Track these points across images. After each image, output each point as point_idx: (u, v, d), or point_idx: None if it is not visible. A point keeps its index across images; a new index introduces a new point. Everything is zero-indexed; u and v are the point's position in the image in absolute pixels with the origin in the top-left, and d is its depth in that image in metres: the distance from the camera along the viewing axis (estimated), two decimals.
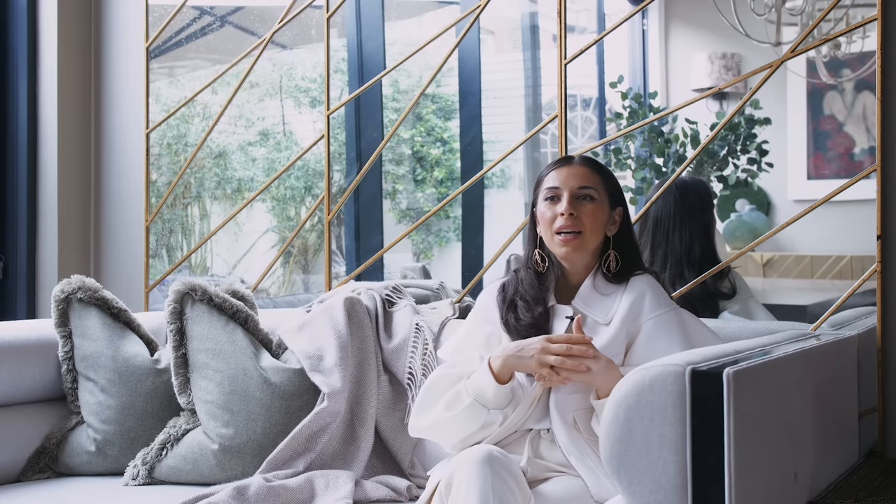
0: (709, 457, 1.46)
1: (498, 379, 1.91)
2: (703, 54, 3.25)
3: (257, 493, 2.12)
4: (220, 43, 3.75)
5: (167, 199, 3.34)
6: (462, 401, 1.93)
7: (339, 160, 3.70)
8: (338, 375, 2.38)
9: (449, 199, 2.92)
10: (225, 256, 3.90)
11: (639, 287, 2.00)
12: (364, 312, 2.51)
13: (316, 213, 3.54)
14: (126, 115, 3.43)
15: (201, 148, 3.28)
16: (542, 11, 3.73)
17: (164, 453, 2.38)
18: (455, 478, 1.78)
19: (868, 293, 2.28)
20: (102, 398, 2.46)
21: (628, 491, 1.53)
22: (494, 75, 3.82)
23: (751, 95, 2.44)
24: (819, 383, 1.88)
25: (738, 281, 2.61)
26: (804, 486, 1.76)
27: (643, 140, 3.19)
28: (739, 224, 3.05)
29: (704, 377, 1.48)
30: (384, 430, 2.42)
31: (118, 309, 2.56)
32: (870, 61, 2.74)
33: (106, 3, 3.48)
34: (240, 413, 2.35)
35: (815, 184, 3.04)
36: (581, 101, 3.58)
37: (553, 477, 1.95)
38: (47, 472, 2.43)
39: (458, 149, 3.81)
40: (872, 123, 2.62)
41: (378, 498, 2.21)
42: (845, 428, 2.06)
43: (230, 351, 2.41)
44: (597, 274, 2.04)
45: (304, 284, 3.86)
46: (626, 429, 1.52)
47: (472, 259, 3.62)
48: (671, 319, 1.96)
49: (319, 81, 3.75)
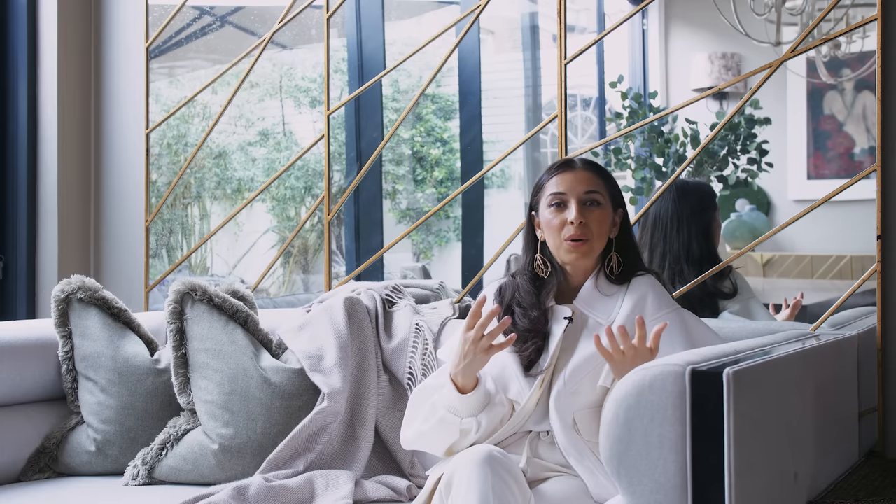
0: (709, 457, 1.46)
1: (461, 390, 1.93)
2: (703, 54, 3.24)
3: (257, 493, 2.12)
4: (220, 43, 3.75)
5: (167, 199, 3.34)
6: (436, 413, 1.96)
7: (339, 160, 3.69)
8: (338, 375, 2.38)
9: (449, 199, 2.92)
10: (225, 256, 3.90)
11: (641, 288, 2.00)
12: (364, 312, 2.51)
13: (316, 213, 3.54)
14: (126, 115, 3.43)
15: (201, 148, 3.28)
16: (542, 11, 3.73)
17: (164, 453, 2.38)
18: (455, 478, 1.78)
19: (868, 293, 2.28)
20: (102, 398, 2.46)
21: (628, 491, 1.53)
22: (494, 75, 3.82)
23: (751, 95, 2.44)
24: (819, 383, 1.88)
25: (740, 281, 2.61)
26: (804, 486, 1.76)
27: (643, 140, 3.19)
28: (739, 224, 3.05)
29: (704, 377, 1.48)
30: (384, 430, 2.42)
31: (118, 309, 2.56)
32: (870, 61, 2.74)
33: (106, 3, 3.48)
34: (240, 413, 2.35)
35: (815, 184, 3.04)
36: (581, 101, 3.58)
37: (552, 477, 1.95)
38: (47, 472, 2.43)
39: (458, 149, 3.81)
40: (872, 123, 2.62)
41: (378, 498, 2.21)
42: (845, 428, 2.06)
43: (230, 351, 2.41)
44: (599, 275, 2.04)
45: (304, 284, 3.86)
46: (626, 429, 1.52)
47: (472, 259, 3.62)
48: (673, 321, 1.96)
49: (319, 81, 3.75)
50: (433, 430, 1.96)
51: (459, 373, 1.92)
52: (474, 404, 1.92)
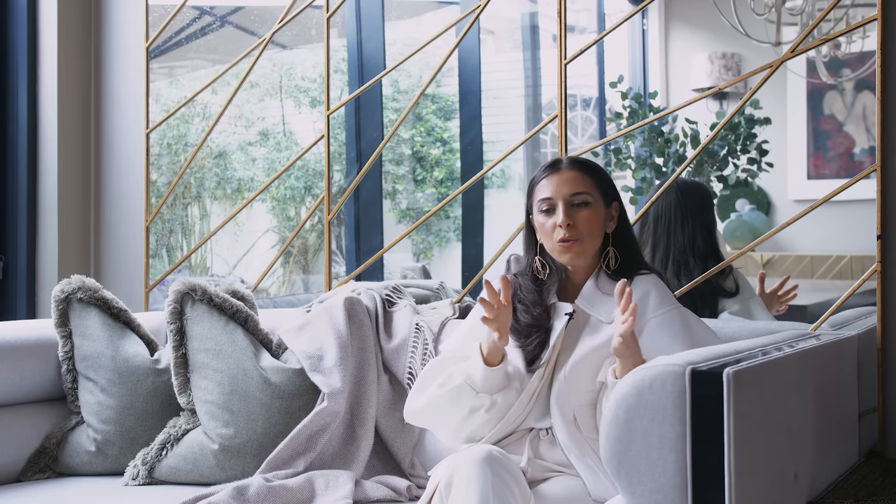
0: (709, 457, 1.47)
1: (487, 361, 1.94)
2: (703, 54, 3.25)
3: (257, 493, 2.12)
4: (220, 43, 3.75)
5: (167, 199, 3.34)
6: (453, 380, 1.97)
7: (339, 160, 3.70)
8: (338, 375, 2.38)
9: (449, 199, 2.92)
10: (225, 256, 3.90)
11: (643, 286, 2.01)
12: (364, 312, 2.51)
13: (316, 213, 3.54)
14: (126, 115, 3.43)
15: (201, 148, 3.28)
16: (542, 11, 3.73)
17: (164, 453, 2.38)
18: (455, 478, 1.78)
19: (868, 293, 2.28)
20: (102, 398, 2.46)
21: (628, 491, 1.53)
22: (494, 75, 3.82)
23: (751, 95, 2.44)
24: (819, 383, 1.88)
25: (742, 280, 2.61)
26: (804, 486, 1.76)
27: (643, 140, 3.20)
28: (739, 224, 3.06)
29: (704, 377, 1.48)
30: (384, 430, 2.42)
31: (118, 309, 2.56)
32: (870, 61, 2.74)
33: (106, 3, 3.48)
34: (240, 413, 2.35)
35: (815, 184, 3.04)
36: (581, 101, 3.58)
37: (553, 477, 1.95)
38: (47, 472, 2.43)
39: (458, 149, 3.82)
40: (872, 123, 2.62)
41: (378, 498, 2.21)
42: (845, 428, 2.06)
43: (230, 351, 2.41)
44: (599, 273, 2.04)
45: (304, 284, 3.87)
46: (626, 429, 1.52)
47: (472, 259, 3.62)
48: (674, 318, 1.96)
49: (319, 81, 3.76)
50: (445, 398, 1.97)
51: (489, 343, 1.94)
52: (495, 381, 1.94)
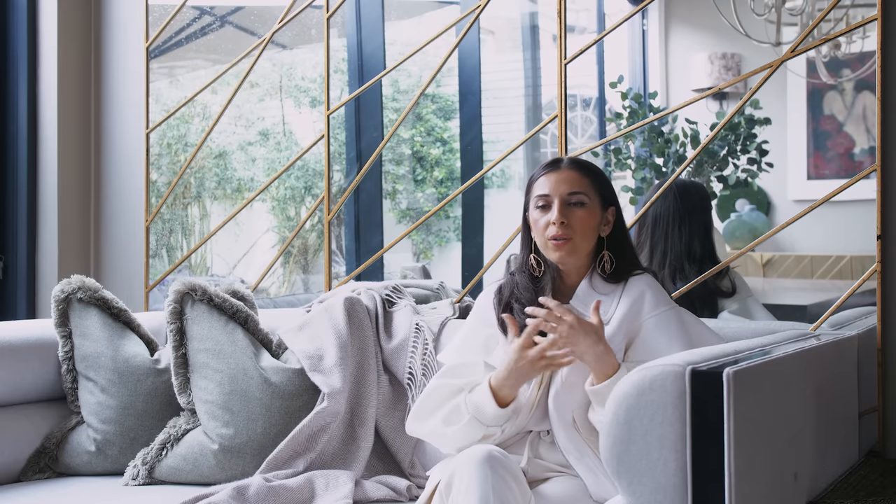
0: (709, 457, 1.47)
1: (500, 402, 1.90)
2: (703, 54, 3.25)
3: (257, 493, 2.12)
4: (220, 43, 3.75)
5: (167, 199, 3.34)
6: (461, 417, 1.92)
7: (339, 160, 3.70)
8: (338, 375, 2.38)
9: (449, 199, 2.92)
10: (225, 256, 3.90)
11: (638, 287, 2.00)
12: (364, 312, 2.51)
13: (316, 213, 3.54)
14: (126, 116, 3.43)
15: (201, 148, 3.28)
16: (542, 11, 3.73)
17: (164, 453, 2.38)
18: (455, 478, 1.78)
19: (868, 293, 2.28)
20: (102, 398, 2.46)
21: (628, 491, 1.53)
22: (494, 75, 3.82)
23: (751, 95, 2.44)
24: (819, 383, 1.88)
25: (738, 280, 2.61)
26: (804, 486, 1.76)
27: (643, 140, 3.20)
28: (739, 224, 3.05)
29: (704, 377, 1.48)
30: (384, 430, 2.42)
31: (118, 309, 2.56)
32: (870, 61, 2.74)
33: (106, 3, 3.48)
34: (240, 413, 2.35)
35: (815, 184, 3.04)
36: (581, 101, 3.58)
37: (553, 477, 1.95)
38: (47, 472, 2.43)
39: (458, 149, 3.82)
40: (872, 123, 2.62)
41: (378, 498, 2.21)
42: (845, 428, 2.06)
43: (230, 351, 2.41)
44: (593, 274, 2.04)
45: (304, 284, 3.86)
46: (626, 429, 1.52)
47: (472, 259, 3.62)
48: (671, 318, 1.96)
49: (319, 81, 3.76)
50: (455, 434, 1.93)
51: (506, 385, 1.89)
52: (506, 417, 1.91)
